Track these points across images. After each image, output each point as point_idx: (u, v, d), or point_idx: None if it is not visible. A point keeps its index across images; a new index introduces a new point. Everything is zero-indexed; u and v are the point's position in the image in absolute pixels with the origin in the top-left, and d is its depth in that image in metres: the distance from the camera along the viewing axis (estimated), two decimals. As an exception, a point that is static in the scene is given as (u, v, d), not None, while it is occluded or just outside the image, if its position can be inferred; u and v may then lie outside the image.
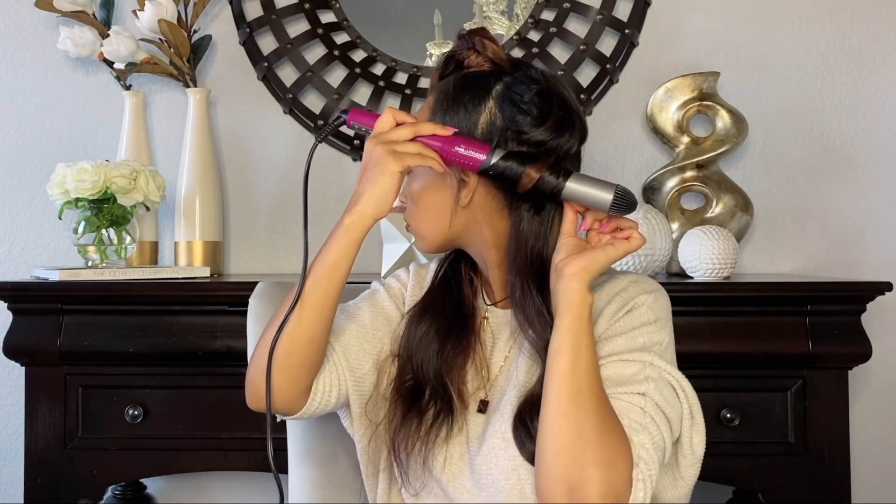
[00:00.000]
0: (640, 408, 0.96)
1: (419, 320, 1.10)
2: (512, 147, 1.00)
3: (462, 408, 1.06)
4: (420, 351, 1.08)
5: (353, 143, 1.94)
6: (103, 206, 1.64)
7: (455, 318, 1.10)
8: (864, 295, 1.57)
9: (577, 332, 0.95)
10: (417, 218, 1.09)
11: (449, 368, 1.07)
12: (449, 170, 1.02)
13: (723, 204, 1.84)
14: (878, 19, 1.95)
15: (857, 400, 1.82)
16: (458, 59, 1.07)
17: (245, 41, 1.95)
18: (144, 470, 1.64)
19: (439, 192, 1.05)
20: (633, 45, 1.95)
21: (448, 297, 1.12)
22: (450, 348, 1.08)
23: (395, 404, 1.09)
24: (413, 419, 1.06)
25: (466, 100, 1.03)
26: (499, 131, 1.01)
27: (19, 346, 1.58)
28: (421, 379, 1.07)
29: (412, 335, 1.10)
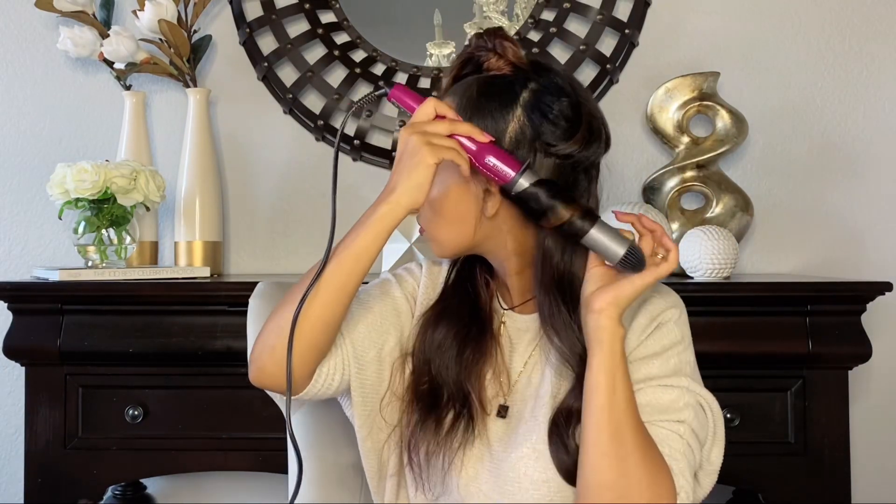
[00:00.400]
0: (679, 435, 0.97)
1: (436, 324, 1.08)
2: (540, 160, 0.99)
3: (482, 412, 1.05)
4: (438, 356, 1.07)
5: (353, 143, 1.94)
6: (103, 206, 1.64)
7: (473, 322, 1.08)
8: (864, 295, 1.57)
9: (611, 369, 0.95)
10: (436, 224, 1.06)
11: (469, 374, 1.05)
12: (473, 177, 1.00)
13: (723, 204, 1.84)
14: (878, 19, 1.95)
15: (857, 400, 1.82)
16: (477, 61, 1.05)
17: (245, 41, 1.95)
18: (144, 470, 1.64)
19: (463, 200, 1.02)
20: (633, 45, 1.95)
21: (464, 300, 1.10)
22: (469, 353, 1.06)
23: (411, 408, 1.07)
24: (431, 423, 1.05)
25: (493, 107, 1.00)
26: (528, 142, 0.99)
27: (19, 346, 1.58)
28: (439, 383, 1.06)
29: (429, 339, 1.08)
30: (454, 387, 1.05)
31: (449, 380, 1.05)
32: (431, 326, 1.09)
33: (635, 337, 1.02)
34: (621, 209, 1.69)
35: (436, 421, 1.04)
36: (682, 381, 1.00)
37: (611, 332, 0.96)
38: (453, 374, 1.05)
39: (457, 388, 1.05)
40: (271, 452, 1.52)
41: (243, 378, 1.30)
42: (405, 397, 1.08)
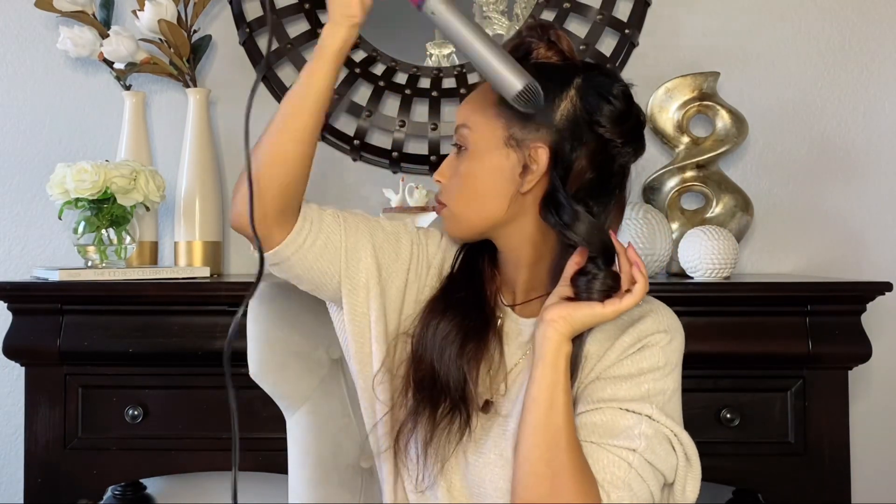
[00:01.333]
0: (628, 463, 0.94)
1: (442, 314, 1.06)
2: (586, 135, 0.99)
3: (476, 408, 1.03)
4: (441, 347, 1.04)
5: (353, 142, 1.94)
6: (103, 206, 1.64)
7: (478, 316, 1.06)
8: (864, 295, 1.57)
9: (551, 384, 0.94)
10: (461, 199, 1.04)
11: (469, 368, 1.03)
12: (514, 149, 1.00)
13: (723, 204, 1.84)
14: (878, 19, 1.95)
15: (857, 400, 1.82)
16: (528, 48, 1.04)
17: (245, 41, 1.95)
18: (144, 470, 1.64)
19: (498, 174, 1.01)
20: (633, 45, 1.95)
21: (471, 292, 1.08)
22: (471, 347, 1.04)
23: (404, 390, 1.05)
24: (428, 413, 1.03)
25: (549, 85, 0.98)
26: (580, 120, 0.99)
27: (19, 346, 1.58)
28: (439, 374, 1.04)
29: (432, 329, 1.05)
30: (455, 379, 1.03)
31: (450, 372, 1.03)
32: (437, 316, 1.06)
33: (614, 355, 0.99)
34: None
35: (432, 413, 1.03)
36: (645, 408, 0.96)
37: (556, 345, 0.95)
38: (455, 367, 1.03)
39: (456, 381, 1.03)
40: (271, 452, 1.52)
41: (243, 378, 1.30)
42: (400, 381, 1.06)
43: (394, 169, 1.94)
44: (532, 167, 1.00)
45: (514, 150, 1.00)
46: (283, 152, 1.00)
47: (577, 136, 0.99)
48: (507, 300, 1.10)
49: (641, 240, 1.65)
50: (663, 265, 1.71)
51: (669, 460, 0.97)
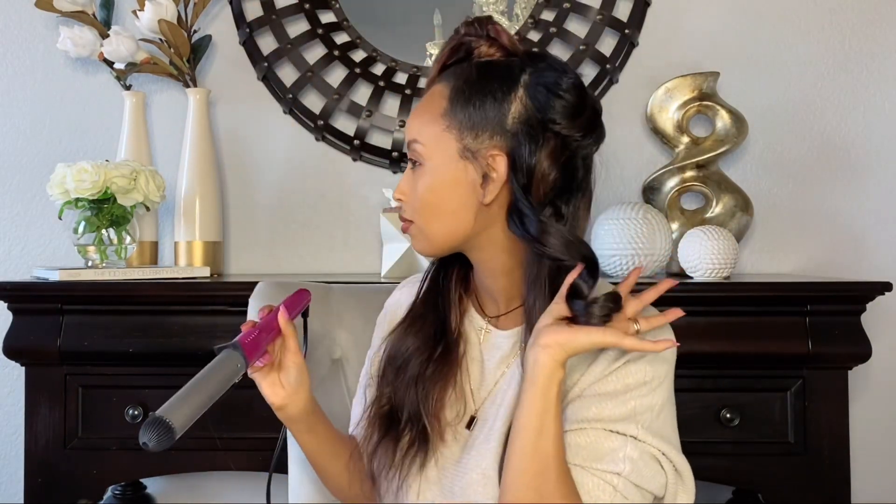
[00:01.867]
0: (613, 487, 0.91)
1: (402, 340, 1.06)
2: (544, 139, 0.95)
3: (438, 437, 1.01)
4: (398, 376, 1.04)
5: (353, 143, 1.94)
6: (103, 206, 1.64)
7: (438, 342, 1.04)
8: (864, 295, 1.57)
9: (541, 411, 0.90)
10: (425, 216, 1.01)
11: (426, 396, 1.01)
12: (471, 161, 0.97)
13: (723, 204, 1.84)
14: (878, 19, 1.95)
15: (857, 400, 1.82)
16: (469, 47, 1.01)
17: (245, 41, 1.95)
18: (144, 470, 1.64)
19: (458, 188, 0.98)
20: (633, 45, 1.95)
21: (432, 317, 1.06)
22: (430, 375, 1.02)
23: (371, 428, 1.06)
24: (389, 444, 1.03)
25: (494, 87, 0.96)
26: (533, 121, 0.95)
27: (19, 346, 1.58)
28: (396, 405, 1.03)
29: (393, 355, 1.06)
30: (411, 409, 1.02)
31: (406, 401, 1.02)
32: (397, 342, 1.06)
33: (599, 370, 0.95)
34: (621, 209, 1.69)
35: (393, 444, 1.02)
36: (630, 428, 0.92)
37: (549, 371, 0.90)
38: (412, 395, 1.02)
39: (414, 410, 1.01)
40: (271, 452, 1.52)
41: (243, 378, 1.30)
42: (367, 419, 1.08)
43: (394, 169, 1.94)
44: (492, 176, 0.97)
45: (470, 162, 0.97)
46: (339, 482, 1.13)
47: (534, 138, 0.95)
48: (491, 311, 1.07)
49: (641, 240, 1.65)
50: (663, 265, 1.70)
51: (657, 479, 0.93)
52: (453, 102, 0.98)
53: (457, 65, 1.02)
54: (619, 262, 1.67)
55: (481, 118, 0.97)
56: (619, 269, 1.68)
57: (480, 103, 0.97)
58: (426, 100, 1.02)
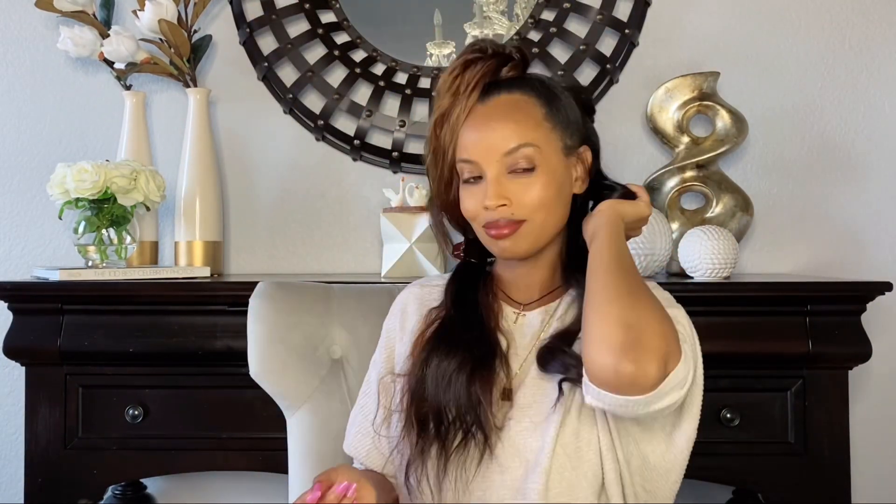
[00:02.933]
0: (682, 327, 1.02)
1: (440, 352, 1.07)
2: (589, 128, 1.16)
3: (494, 429, 1.03)
4: (447, 382, 1.05)
5: (353, 143, 1.94)
6: (103, 206, 1.64)
7: (482, 352, 1.07)
8: (864, 295, 1.57)
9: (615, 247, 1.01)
10: (544, 214, 1.07)
11: (480, 402, 1.03)
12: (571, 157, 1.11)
13: (723, 204, 1.84)
14: (878, 19, 1.95)
15: (857, 400, 1.82)
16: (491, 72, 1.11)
17: (245, 41, 1.95)
18: (144, 470, 1.64)
19: (566, 183, 1.10)
20: (633, 45, 1.95)
21: (470, 322, 1.10)
22: (478, 383, 1.04)
23: (409, 433, 1.06)
24: (431, 448, 1.04)
25: (562, 94, 1.11)
26: (588, 120, 1.15)
27: (19, 346, 1.58)
28: (443, 408, 1.04)
29: (433, 369, 1.06)
30: (465, 415, 1.03)
31: (458, 410, 1.03)
32: (435, 355, 1.07)
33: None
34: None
35: (440, 447, 1.03)
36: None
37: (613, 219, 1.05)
38: (465, 405, 1.03)
39: (467, 408, 1.03)
40: (271, 452, 1.52)
41: (243, 378, 1.31)
42: (403, 419, 1.07)
43: (394, 169, 1.94)
44: (581, 168, 1.11)
45: (571, 158, 1.10)
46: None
47: (590, 130, 1.14)
48: (522, 299, 1.14)
49: (641, 240, 1.65)
50: (663, 265, 1.70)
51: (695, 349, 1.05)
52: (549, 108, 1.08)
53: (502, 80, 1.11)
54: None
55: (572, 119, 1.10)
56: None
57: (565, 107, 1.10)
58: (512, 110, 1.07)
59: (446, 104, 1.09)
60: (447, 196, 1.13)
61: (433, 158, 1.11)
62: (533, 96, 1.08)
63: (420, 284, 1.21)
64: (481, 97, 1.08)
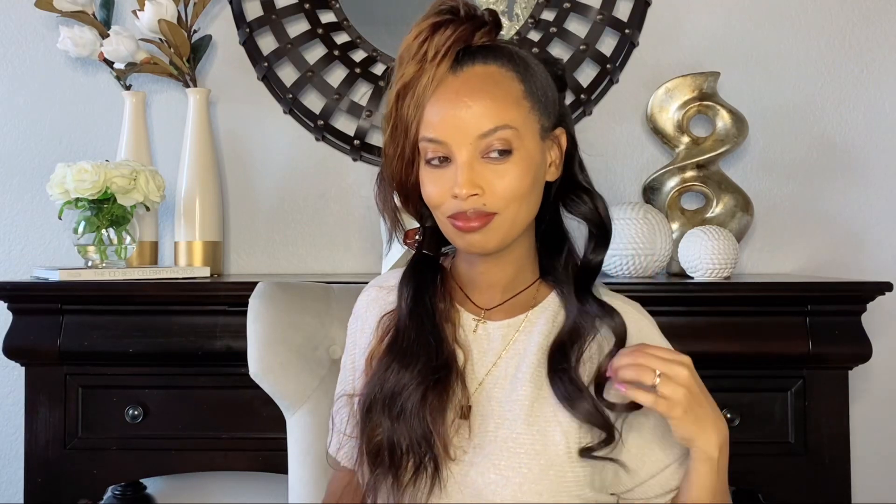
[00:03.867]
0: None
1: (391, 368, 0.99)
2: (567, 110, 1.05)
3: (446, 458, 0.95)
4: (396, 406, 0.96)
5: (353, 143, 1.94)
6: (103, 206, 1.64)
7: (436, 372, 0.97)
8: (864, 295, 1.57)
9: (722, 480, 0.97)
10: (517, 204, 0.96)
11: (434, 422, 0.95)
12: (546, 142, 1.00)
13: (723, 204, 1.84)
14: (878, 19, 1.95)
15: (857, 400, 1.82)
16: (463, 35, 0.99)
17: (245, 41, 1.95)
18: (144, 470, 1.64)
19: (541, 170, 0.98)
20: (633, 45, 1.95)
21: (422, 334, 1.00)
22: (433, 401, 0.96)
23: (362, 459, 0.99)
24: (388, 478, 0.96)
25: (539, 68, 1.01)
26: (562, 98, 1.04)
27: (19, 346, 1.58)
28: (394, 438, 0.96)
29: (386, 385, 0.98)
30: (416, 439, 0.95)
31: (410, 439, 0.95)
32: (384, 375, 0.99)
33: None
34: (621, 209, 1.69)
35: (394, 479, 0.96)
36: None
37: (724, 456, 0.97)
38: (417, 433, 0.95)
39: (420, 439, 0.95)
40: (271, 452, 1.52)
41: (243, 378, 1.31)
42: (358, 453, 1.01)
43: (394, 169, 1.94)
44: (557, 152, 1.01)
45: (546, 142, 0.99)
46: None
47: (565, 109, 1.02)
48: (483, 303, 1.04)
49: (641, 240, 1.65)
50: (663, 265, 1.71)
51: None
52: (527, 83, 0.97)
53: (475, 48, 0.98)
54: (620, 262, 1.67)
55: (550, 97, 0.99)
56: (620, 269, 1.68)
57: (541, 82, 0.99)
58: (489, 84, 0.95)
59: (411, 72, 0.96)
60: (406, 177, 0.99)
61: (391, 134, 0.98)
62: (511, 69, 0.96)
63: (376, 286, 1.11)
64: (452, 67, 0.95)
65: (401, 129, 0.97)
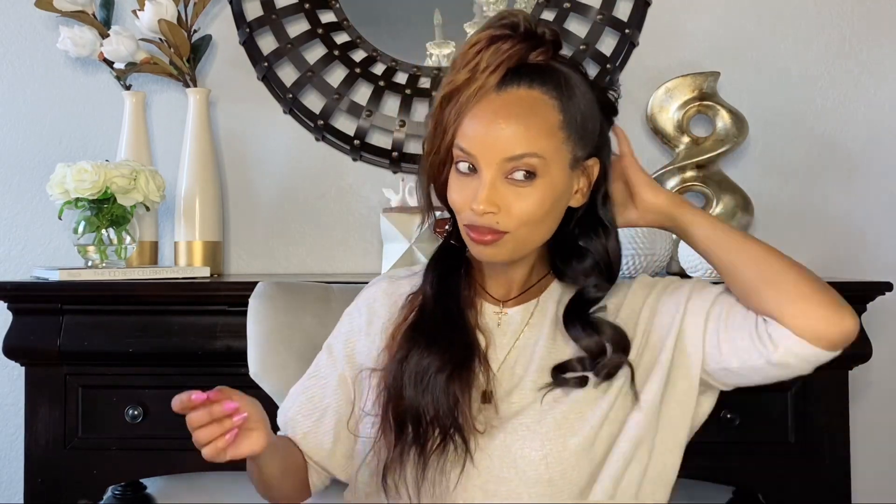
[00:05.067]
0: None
1: (415, 349, 1.02)
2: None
3: (473, 431, 0.99)
4: (421, 387, 1.00)
5: (353, 143, 1.94)
6: (103, 206, 1.64)
7: (459, 346, 1.02)
8: (864, 295, 1.57)
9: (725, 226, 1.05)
10: (530, 228, 1.00)
11: (458, 403, 0.99)
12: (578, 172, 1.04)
13: (723, 204, 1.84)
14: (878, 19, 1.95)
15: (857, 400, 1.82)
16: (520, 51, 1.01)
17: (245, 41, 1.95)
18: (144, 470, 1.65)
19: (563, 196, 1.02)
20: (633, 45, 1.95)
21: (453, 321, 1.04)
22: (457, 383, 1.00)
23: (384, 432, 1.02)
24: (411, 450, 0.99)
25: (588, 96, 1.04)
26: (606, 129, 1.09)
27: (19, 346, 1.58)
28: (421, 408, 0.99)
29: (409, 367, 1.01)
30: (442, 412, 0.98)
31: (436, 411, 0.98)
32: (411, 352, 1.02)
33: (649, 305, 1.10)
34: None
35: (419, 449, 0.99)
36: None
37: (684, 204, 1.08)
38: (443, 406, 0.98)
39: (445, 409, 0.98)
40: (271, 452, 1.52)
41: (243, 378, 1.30)
42: (379, 420, 1.03)
43: (394, 169, 1.94)
44: (585, 181, 1.05)
45: (576, 171, 1.02)
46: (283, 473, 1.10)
47: (605, 140, 1.06)
48: (500, 295, 1.10)
49: (641, 240, 1.65)
50: (663, 265, 1.70)
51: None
52: (567, 113, 1.00)
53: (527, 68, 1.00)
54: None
55: (589, 128, 1.02)
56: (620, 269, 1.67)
57: (584, 112, 1.01)
58: (527, 111, 0.98)
59: (460, 80, 0.98)
60: (438, 174, 1.04)
61: (432, 132, 1.02)
62: (554, 97, 0.99)
63: (388, 279, 1.15)
64: (498, 83, 0.98)
65: (440, 131, 1.01)
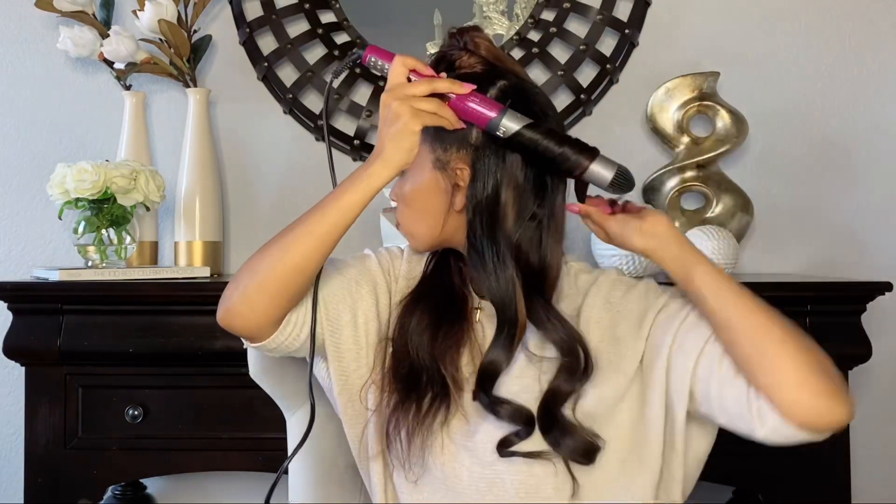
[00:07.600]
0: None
1: (413, 309, 1.11)
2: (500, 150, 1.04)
3: (457, 391, 1.06)
4: (414, 338, 1.08)
5: (353, 143, 1.94)
6: (103, 206, 1.64)
7: (447, 306, 1.11)
8: (864, 295, 1.57)
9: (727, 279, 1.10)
10: (409, 219, 1.11)
11: (442, 354, 1.07)
12: (442, 173, 1.05)
13: (723, 204, 1.84)
14: (878, 20, 1.95)
15: (857, 400, 1.82)
16: (449, 60, 1.08)
17: (245, 41, 1.95)
18: (144, 470, 1.64)
19: (433, 195, 1.07)
20: (633, 45, 1.95)
21: (439, 286, 1.13)
22: (442, 335, 1.08)
23: (390, 388, 1.08)
24: (411, 404, 1.06)
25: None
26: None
27: (19, 346, 1.58)
28: (417, 365, 1.07)
29: (407, 323, 1.10)
30: (430, 367, 1.06)
31: (425, 361, 1.07)
32: (409, 310, 1.11)
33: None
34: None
35: (416, 402, 1.05)
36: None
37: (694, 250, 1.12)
38: (427, 356, 1.07)
39: (433, 368, 1.06)
40: (271, 452, 1.52)
41: (244, 378, 1.31)
42: (385, 380, 1.09)
43: (394, 169, 1.94)
44: (461, 185, 1.05)
45: (441, 172, 1.06)
46: (311, 266, 1.05)
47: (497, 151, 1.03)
48: (479, 292, 1.13)
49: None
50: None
51: None
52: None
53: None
54: (619, 262, 1.67)
55: (458, 135, 1.03)
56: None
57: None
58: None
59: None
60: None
61: None
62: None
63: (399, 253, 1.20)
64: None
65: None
